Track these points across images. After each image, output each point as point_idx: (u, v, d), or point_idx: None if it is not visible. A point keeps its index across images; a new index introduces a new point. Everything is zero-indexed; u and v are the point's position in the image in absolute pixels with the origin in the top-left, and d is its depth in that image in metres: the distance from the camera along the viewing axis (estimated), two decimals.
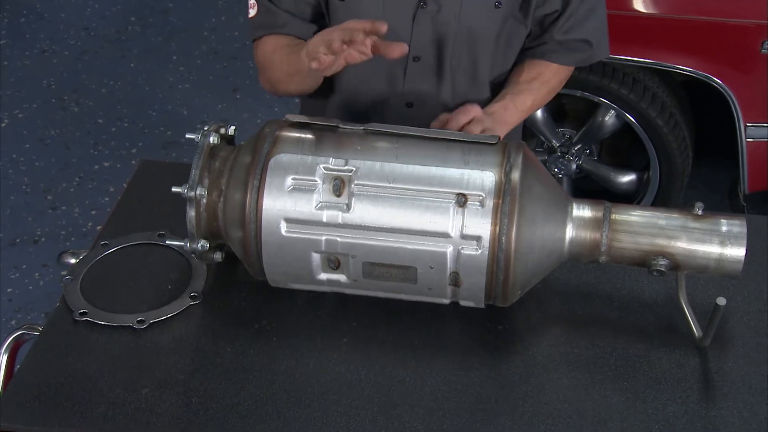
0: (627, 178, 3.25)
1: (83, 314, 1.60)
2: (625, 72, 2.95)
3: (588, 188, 3.33)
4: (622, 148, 3.30)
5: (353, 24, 1.53)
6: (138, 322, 1.59)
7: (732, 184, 3.37)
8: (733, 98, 2.85)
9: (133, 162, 3.77)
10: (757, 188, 3.08)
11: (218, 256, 1.63)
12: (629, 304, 1.64)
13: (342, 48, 1.53)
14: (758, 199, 3.31)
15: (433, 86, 1.84)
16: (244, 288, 1.66)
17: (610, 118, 3.10)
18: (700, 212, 1.50)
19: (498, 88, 1.88)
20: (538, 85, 1.85)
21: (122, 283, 1.67)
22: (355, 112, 1.86)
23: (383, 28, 1.51)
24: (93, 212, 3.55)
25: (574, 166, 3.24)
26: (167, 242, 1.66)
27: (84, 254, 1.73)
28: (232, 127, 1.64)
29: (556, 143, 3.23)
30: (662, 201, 3.13)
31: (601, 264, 1.55)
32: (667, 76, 3.04)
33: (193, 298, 1.64)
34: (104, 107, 4.06)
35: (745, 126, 2.90)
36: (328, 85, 1.87)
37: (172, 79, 4.24)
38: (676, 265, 1.50)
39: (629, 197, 3.23)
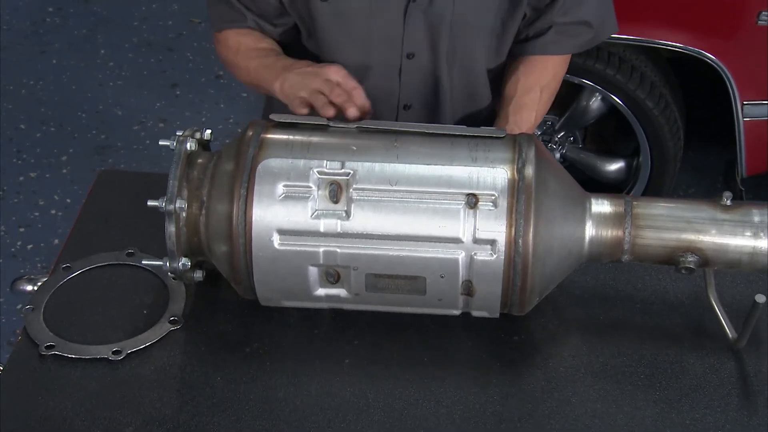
0: (615, 166, 3.29)
1: (50, 348, 1.58)
2: (611, 51, 2.99)
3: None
4: (608, 133, 3.34)
5: (338, 78, 1.62)
6: (114, 353, 1.57)
7: (727, 167, 3.43)
8: (729, 75, 2.90)
9: (64, 170, 3.72)
10: (756, 171, 3.14)
11: (198, 275, 1.62)
12: (653, 306, 1.66)
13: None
14: (754, 183, 3.38)
15: (430, 84, 1.85)
16: (229, 308, 1.65)
17: (595, 102, 3.14)
18: (728, 202, 1.53)
19: (495, 80, 1.89)
20: (538, 94, 1.87)
21: (91, 311, 1.65)
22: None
23: (367, 108, 1.61)
24: (21, 230, 3.48)
25: (557, 156, 3.27)
26: (144, 262, 1.64)
27: (43, 280, 1.71)
28: (208, 131, 1.63)
29: (537, 131, 3.26)
30: (654, 189, 3.18)
31: (621, 264, 1.57)
32: (655, 53, 3.08)
33: (173, 322, 1.62)
34: (25, 110, 4.00)
35: (742, 105, 2.95)
36: None
37: (101, 75, 4.18)
38: (706, 261, 1.53)
39: (618, 186, 3.28)
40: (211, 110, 3.97)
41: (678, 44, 2.94)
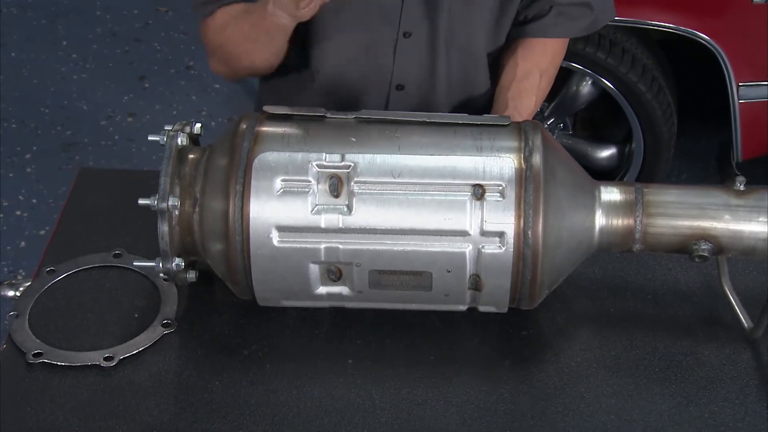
0: (607, 153, 3.32)
1: (38, 355, 1.57)
2: (601, 33, 3.01)
3: None
4: (599, 119, 3.36)
5: None
6: (105, 359, 1.56)
7: (720, 151, 3.46)
8: (724, 56, 2.93)
9: (29, 169, 3.69)
10: (752, 154, 3.17)
11: (191, 275, 1.61)
12: (664, 296, 1.67)
13: None
14: (748, 166, 3.41)
15: (426, 65, 1.85)
16: (224, 310, 1.65)
17: (585, 87, 3.16)
18: (742, 187, 1.54)
19: (492, 66, 1.90)
20: (537, 79, 1.87)
21: (79, 316, 1.64)
22: (336, 98, 1.86)
23: None
24: None
25: None
26: (135, 264, 1.63)
27: (27, 284, 1.69)
28: (198, 125, 1.63)
29: None
30: (648, 175, 3.21)
31: (629, 253, 1.58)
32: (645, 35, 3.11)
33: (166, 326, 1.62)
34: None
35: (738, 86, 2.98)
36: (303, 68, 1.86)
37: (64, 69, 4.15)
38: (720, 248, 1.54)
39: (610, 174, 3.30)
40: (183, 102, 3.96)
41: (670, 25, 2.96)
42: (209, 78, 4.04)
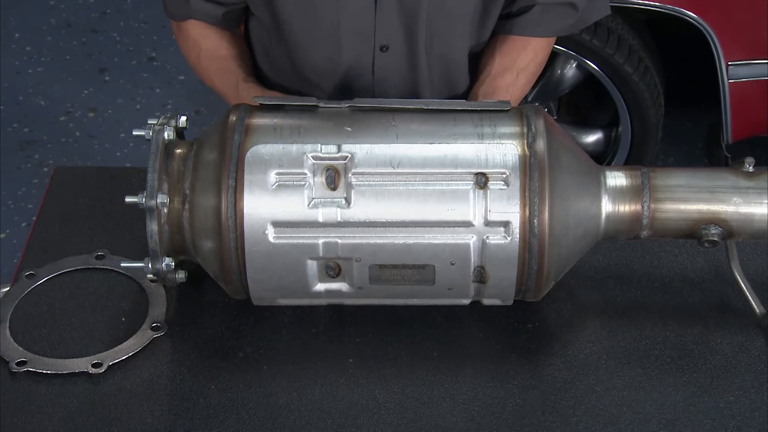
0: (592, 138, 3.34)
1: (22, 364, 1.56)
2: None
3: None
4: (584, 103, 3.38)
5: None
6: (94, 365, 1.56)
7: (709, 133, 3.49)
8: (712, 34, 2.96)
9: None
10: (742, 136, 3.20)
11: (181, 275, 1.61)
12: (672, 283, 1.69)
13: None
14: (737, 149, 3.44)
15: (406, 78, 1.85)
16: (216, 311, 1.65)
17: (569, 70, 3.17)
18: (751, 168, 1.56)
19: (474, 61, 1.90)
20: (514, 77, 1.87)
21: (64, 321, 1.63)
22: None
23: None
24: None
25: None
26: (123, 265, 1.62)
27: (4, 290, 1.68)
28: (183, 118, 1.62)
29: None
30: (635, 159, 3.23)
31: (633, 240, 1.60)
32: (631, 14, 3.13)
33: (155, 329, 1.61)
34: None
35: (727, 65, 3.01)
36: (273, 83, 1.89)
37: (17, 62, 4.11)
38: (730, 232, 1.56)
39: (596, 159, 3.30)
40: (146, 96, 3.93)
41: (656, 3, 2.98)
42: (173, 69, 4.01)
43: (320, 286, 1.54)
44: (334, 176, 1.49)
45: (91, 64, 4.10)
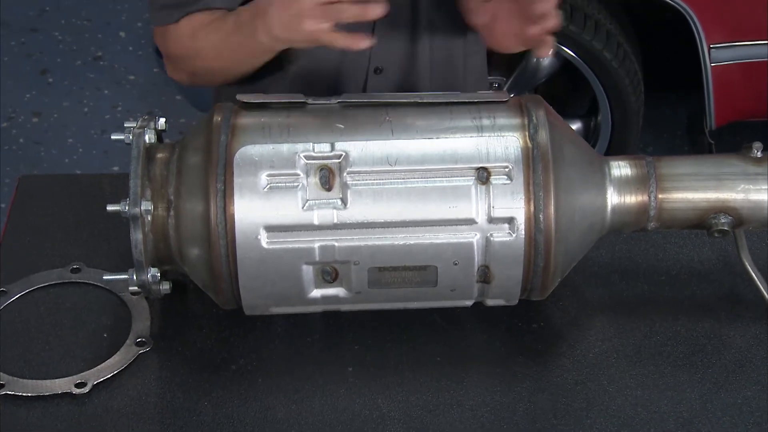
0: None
1: (0, 387, 1.55)
2: None
3: None
4: (560, 93, 3.41)
5: None
6: (77, 385, 1.55)
7: (689, 120, 3.54)
8: (693, 16, 3.00)
9: None
10: (725, 121, 3.25)
11: (165, 287, 1.60)
12: (679, 276, 1.72)
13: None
14: (720, 135, 3.49)
15: (406, 44, 1.86)
16: (204, 322, 1.65)
17: (546, 59, 3.20)
18: (759, 154, 1.59)
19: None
20: None
21: (41, 340, 1.62)
22: (308, 86, 1.86)
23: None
24: None
25: None
26: (105, 278, 1.61)
27: None
28: (162, 120, 1.61)
29: None
30: (617, 149, 3.27)
31: (638, 233, 1.62)
32: None
33: (140, 344, 1.61)
34: None
35: (710, 48, 3.05)
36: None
37: None
38: (740, 221, 1.59)
39: None
40: (94, 98, 3.90)
41: None
42: (122, 69, 3.98)
43: (316, 292, 1.54)
44: (328, 176, 1.50)
45: (32, 66, 4.07)
